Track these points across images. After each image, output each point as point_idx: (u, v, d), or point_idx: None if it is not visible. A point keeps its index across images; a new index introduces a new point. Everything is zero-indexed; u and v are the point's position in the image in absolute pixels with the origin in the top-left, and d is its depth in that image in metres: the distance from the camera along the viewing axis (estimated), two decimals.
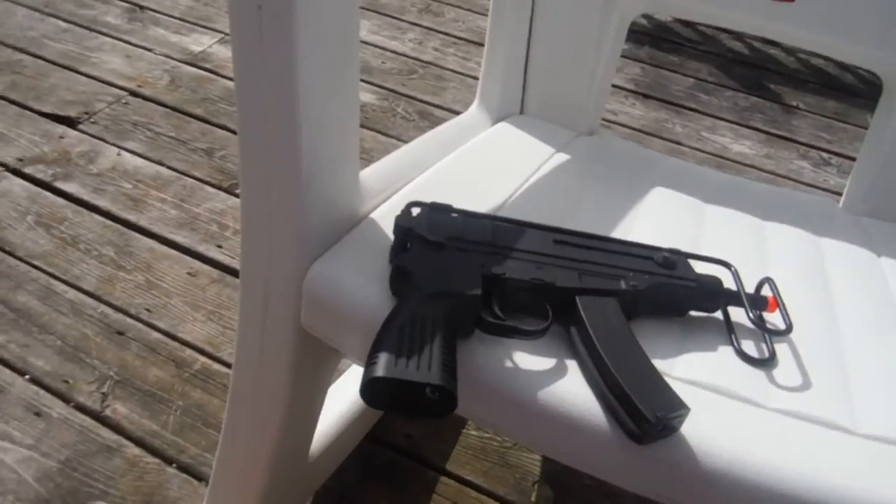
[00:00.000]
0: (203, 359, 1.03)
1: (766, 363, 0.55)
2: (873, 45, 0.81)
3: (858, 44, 0.82)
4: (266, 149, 0.56)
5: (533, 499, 0.91)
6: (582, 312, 0.53)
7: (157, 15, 1.93)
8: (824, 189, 1.60)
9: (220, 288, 1.14)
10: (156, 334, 1.06)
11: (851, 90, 1.95)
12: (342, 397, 0.88)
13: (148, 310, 1.10)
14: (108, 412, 0.95)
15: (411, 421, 0.97)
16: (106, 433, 0.93)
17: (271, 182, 0.57)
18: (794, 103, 1.89)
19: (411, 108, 1.68)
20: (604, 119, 1.71)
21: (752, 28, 0.97)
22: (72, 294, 1.10)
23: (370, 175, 0.68)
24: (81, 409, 0.95)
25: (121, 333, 1.05)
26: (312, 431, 0.77)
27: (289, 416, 0.67)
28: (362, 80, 1.76)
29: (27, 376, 0.98)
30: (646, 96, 1.85)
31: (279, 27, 0.50)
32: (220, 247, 1.22)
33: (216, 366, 1.02)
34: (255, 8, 0.50)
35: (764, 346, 0.57)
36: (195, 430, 0.94)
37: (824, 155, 1.71)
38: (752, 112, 1.84)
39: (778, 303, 0.59)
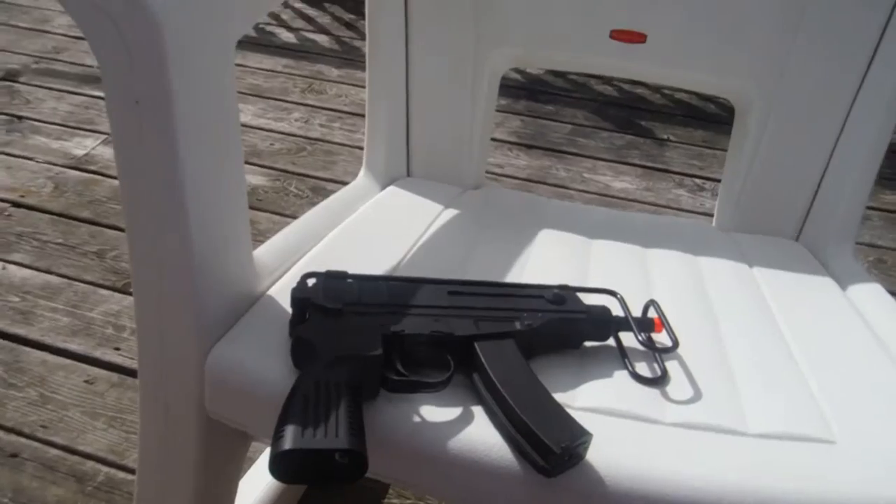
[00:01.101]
0: (106, 468, 0.98)
1: (658, 381, 0.58)
2: (717, 75, 0.89)
3: (705, 74, 0.90)
4: (155, 238, 0.56)
5: None
6: (482, 358, 0.55)
7: (37, 123, 1.89)
8: (701, 213, 1.71)
9: (120, 392, 1.10)
10: (53, 451, 1.01)
11: (715, 118, 2.10)
12: (254, 485, 0.86)
13: (43, 426, 1.04)
14: None
15: (331, 496, 0.95)
16: None
17: (163, 270, 0.57)
18: (666, 136, 2.02)
19: (303, 185, 1.70)
20: (491, 172, 1.77)
21: (613, 70, 1.04)
22: None
23: (264, 253, 0.68)
24: None
25: (14, 456, 0.99)
26: None
27: None
28: (252, 164, 1.77)
29: None
30: (528, 146, 1.93)
31: (158, 120, 0.51)
32: (117, 349, 1.18)
33: (121, 474, 0.98)
34: (133, 103, 0.51)
35: (655, 365, 0.60)
36: None
37: (698, 181, 1.83)
38: (629, 149, 1.95)
39: (663, 322, 0.62)
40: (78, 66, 2.18)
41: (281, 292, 0.64)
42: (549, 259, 0.77)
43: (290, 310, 0.58)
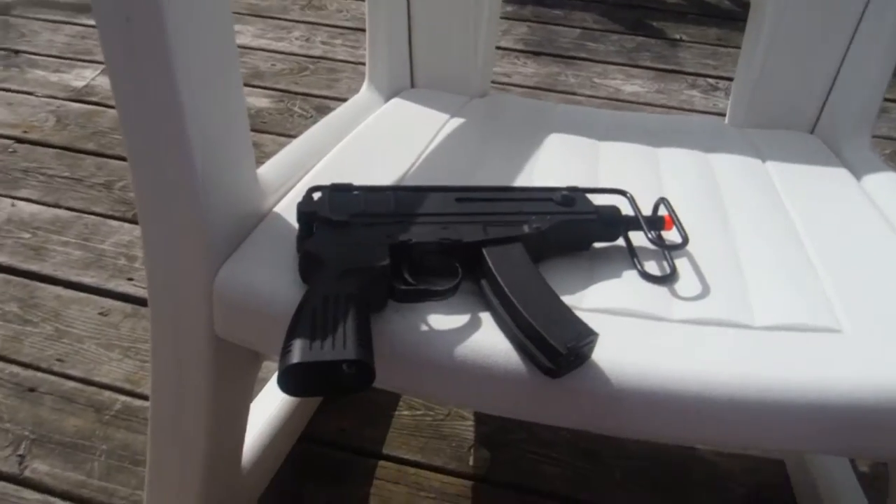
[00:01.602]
0: (123, 398, 1.00)
1: (667, 279, 0.58)
2: None
3: None
4: (156, 160, 0.55)
5: (471, 463, 0.93)
6: (490, 263, 0.54)
7: (34, 57, 1.86)
8: (715, 113, 1.67)
9: (134, 322, 1.11)
10: (70, 383, 1.02)
11: (730, 15, 2.03)
12: (267, 403, 0.87)
13: (60, 360, 1.06)
14: (27, 473, 0.91)
15: (341, 410, 0.97)
16: (29, 494, 0.89)
17: (167, 191, 0.56)
18: (678, 36, 1.95)
19: (307, 104, 1.67)
20: (498, 81, 1.73)
21: None
22: None
23: (268, 171, 0.67)
24: None
25: (32, 390, 1.01)
26: (241, 443, 0.76)
27: (214, 431, 0.66)
28: (254, 86, 1.74)
29: None
30: (536, 53, 1.88)
31: (150, 36, 0.49)
32: (130, 279, 1.19)
33: (137, 402, 1.00)
34: (124, 21, 0.49)
35: (665, 263, 0.59)
36: (123, 471, 0.91)
37: (711, 81, 1.78)
38: (639, 51, 1.89)
39: (673, 219, 0.61)
40: None
41: (287, 209, 0.63)
42: (558, 162, 0.76)
43: (296, 225, 0.57)
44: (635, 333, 0.53)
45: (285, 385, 0.46)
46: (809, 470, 0.90)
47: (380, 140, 0.78)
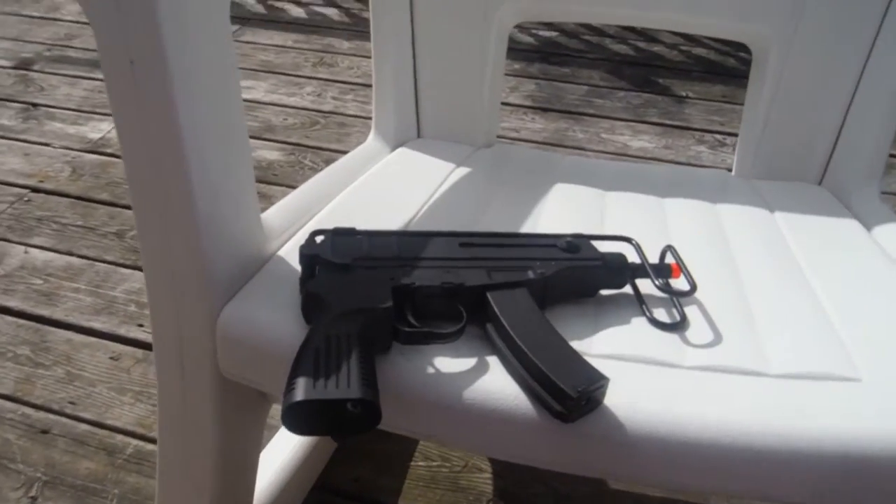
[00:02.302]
0: (135, 441, 1.00)
1: (677, 326, 0.57)
2: (733, 18, 0.86)
3: (721, 18, 0.87)
4: (159, 202, 0.55)
5: None
6: (494, 307, 0.54)
7: (52, 110, 1.90)
8: (724, 168, 1.67)
9: (145, 367, 1.11)
10: (83, 426, 1.02)
11: (734, 73, 2.06)
12: (279, 450, 0.86)
13: (72, 402, 1.06)
14: None
15: (356, 461, 0.96)
16: None
17: (169, 232, 0.56)
18: (684, 93, 1.98)
19: (318, 158, 1.69)
20: (506, 136, 1.75)
21: (626, 19, 1.01)
22: None
23: (273, 216, 0.68)
24: None
25: (45, 432, 1.01)
26: (252, 489, 0.74)
27: (223, 476, 0.65)
28: (266, 139, 1.76)
29: None
30: (544, 109, 1.91)
31: (154, 79, 0.50)
32: (141, 325, 1.19)
33: (150, 446, 0.99)
34: (128, 64, 0.50)
35: (674, 310, 0.59)
36: None
37: (718, 137, 1.79)
38: (646, 108, 1.91)
39: (680, 267, 0.61)
40: (90, 52, 2.19)
41: (290, 253, 0.63)
42: (563, 211, 0.76)
43: (299, 268, 0.57)
44: (647, 380, 0.52)
45: (289, 423, 0.45)
46: None
47: (385, 188, 0.79)
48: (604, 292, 0.61)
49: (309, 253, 0.56)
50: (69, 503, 0.91)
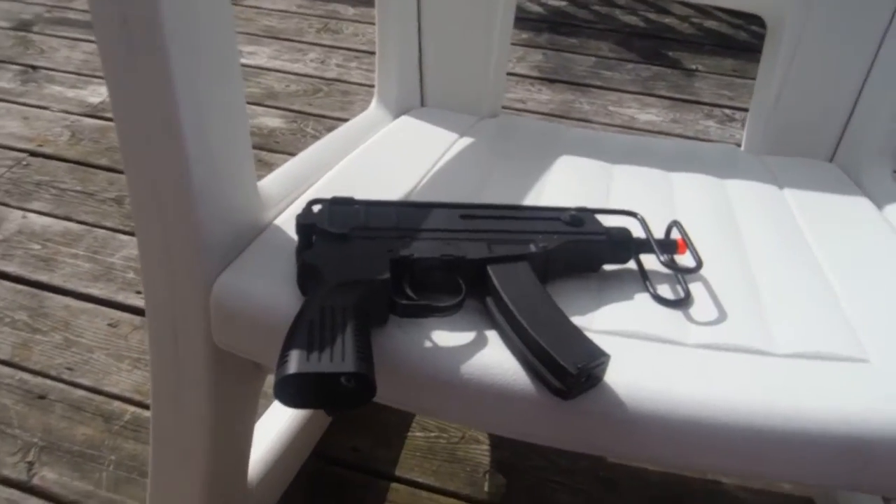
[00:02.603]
0: (132, 408, 0.99)
1: (681, 303, 0.56)
2: None
3: None
4: (153, 166, 0.54)
5: (486, 489, 0.90)
6: (495, 281, 0.53)
7: (51, 72, 1.87)
8: (732, 144, 1.65)
9: (142, 334, 1.10)
10: (80, 392, 1.02)
11: (746, 46, 2.02)
12: (276, 419, 0.85)
13: (69, 368, 1.05)
14: (35, 480, 0.90)
15: (353, 432, 0.95)
16: (36, 502, 0.88)
17: (163, 199, 0.55)
18: (694, 66, 1.95)
19: (320, 125, 1.67)
20: (512, 107, 1.73)
21: None
22: None
23: (270, 183, 0.66)
24: (6, 482, 0.90)
25: (42, 397, 1.01)
26: (246, 458, 0.74)
27: (216, 443, 0.64)
28: (268, 106, 1.74)
29: None
30: (551, 80, 1.88)
31: (147, 39, 0.48)
32: (138, 293, 1.18)
33: (146, 413, 0.98)
34: (121, 22, 0.48)
35: (679, 287, 0.57)
36: (131, 483, 0.90)
37: (727, 111, 1.76)
38: (655, 81, 1.88)
39: (686, 243, 0.59)
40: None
41: (287, 221, 0.62)
42: (568, 183, 0.74)
43: (296, 237, 0.56)
44: (649, 357, 0.51)
45: (282, 396, 0.44)
46: None
47: (386, 156, 0.77)
48: (607, 267, 0.60)
49: (305, 222, 0.55)
50: (66, 469, 0.91)
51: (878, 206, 0.74)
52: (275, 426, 0.85)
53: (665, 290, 0.57)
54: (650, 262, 0.59)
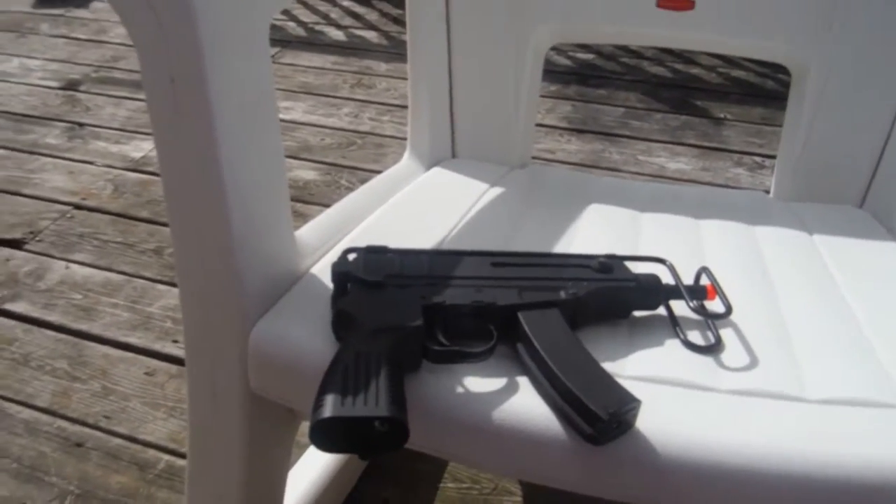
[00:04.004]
0: (167, 457, 1.01)
1: (712, 349, 0.56)
2: (769, 38, 0.85)
3: (757, 38, 0.86)
4: (195, 218, 0.56)
5: None
6: (525, 327, 0.54)
7: (97, 129, 1.95)
8: (763, 191, 1.65)
9: (179, 383, 1.12)
10: (116, 440, 1.03)
11: (774, 95, 2.03)
12: (308, 468, 0.86)
13: (106, 416, 1.07)
14: None
15: (384, 483, 0.95)
16: None
17: (204, 249, 0.57)
18: (722, 115, 1.96)
19: (354, 177, 1.71)
20: (542, 158, 1.75)
21: (661, 41, 1.00)
22: (26, 413, 1.07)
23: (307, 233, 0.68)
24: None
25: (79, 445, 1.02)
26: None
27: (250, 494, 0.65)
28: (303, 159, 1.78)
29: None
30: (580, 131, 1.90)
31: (193, 96, 0.51)
32: (176, 342, 1.21)
33: (181, 461, 0.99)
34: (169, 81, 0.51)
35: (709, 333, 0.58)
36: None
37: (757, 159, 1.76)
38: (684, 130, 1.89)
39: (716, 288, 0.60)
40: (135, 73, 2.24)
41: (323, 270, 0.64)
42: (597, 232, 0.75)
43: (331, 285, 0.57)
44: (681, 403, 0.51)
45: (316, 440, 0.45)
46: None
47: (418, 206, 0.79)
48: (637, 314, 0.60)
49: (341, 270, 0.57)
50: None
51: None
52: (307, 475, 0.85)
53: (696, 336, 0.58)
54: (680, 308, 0.60)
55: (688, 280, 0.62)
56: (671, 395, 0.52)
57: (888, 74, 0.80)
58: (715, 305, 0.60)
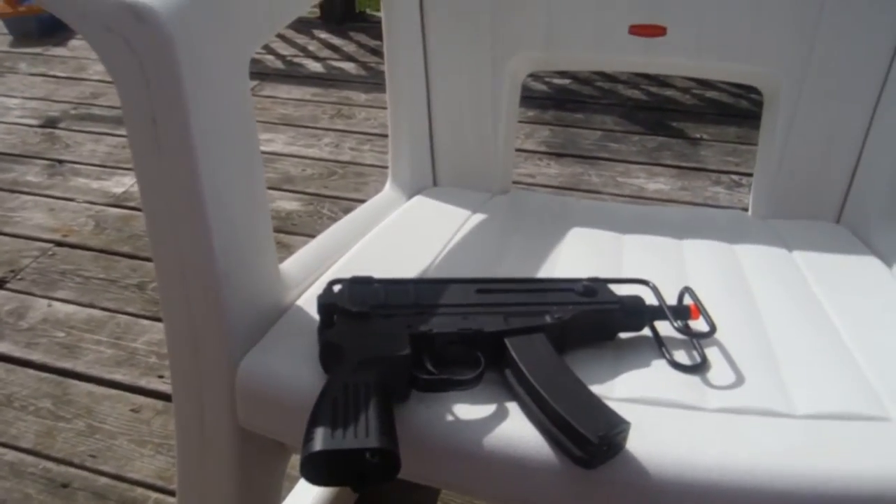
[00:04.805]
0: (155, 494, 0.99)
1: (698, 368, 0.57)
2: (741, 61, 0.87)
3: (728, 62, 0.88)
4: (179, 254, 0.56)
5: None
6: (513, 353, 0.54)
7: (77, 166, 1.94)
8: (741, 209, 1.67)
9: (165, 419, 1.11)
10: (103, 479, 1.02)
11: (748, 114, 2.07)
12: (300, 502, 0.85)
13: (92, 455, 1.06)
14: None
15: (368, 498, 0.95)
16: None
17: (189, 285, 0.57)
18: (699, 135, 1.99)
19: (336, 207, 1.71)
20: (522, 182, 1.76)
21: (635, 66, 1.02)
22: (10, 455, 1.06)
23: (291, 266, 0.69)
24: None
25: (65, 486, 1.01)
26: None
27: None
28: (285, 190, 1.79)
29: None
30: (559, 155, 1.92)
31: (175, 135, 0.52)
32: (161, 377, 1.20)
33: (170, 499, 0.98)
34: (150, 121, 0.52)
35: (695, 352, 0.58)
36: None
37: (734, 177, 1.79)
38: (661, 150, 1.92)
39: (699, 308, 0.61)
40: (114, 109, 2.24)
41: (309, 302, 0.64)
42: (580, 255, 0.76)
43: (317, 317, 0.58)
44: (670, 423, 0.51)
45: (308, 473, 0.45)
46: None
47: (402, 236, 0.79)
48: (622, 335, 0.61)
49: (326, 302, 0.57)
50: None
51: (887, 264, 0.75)
52: None
53: (681, 356, 0.58)
54: (665, 328, 0.60)
55: (671, 300, 0.62)
56: (659, 416, 0.52)
57: (857, 93, 0.82)
58: (699, 325, 0.60)
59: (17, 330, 1.32)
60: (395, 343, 0.53)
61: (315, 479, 0.46)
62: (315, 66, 2.53)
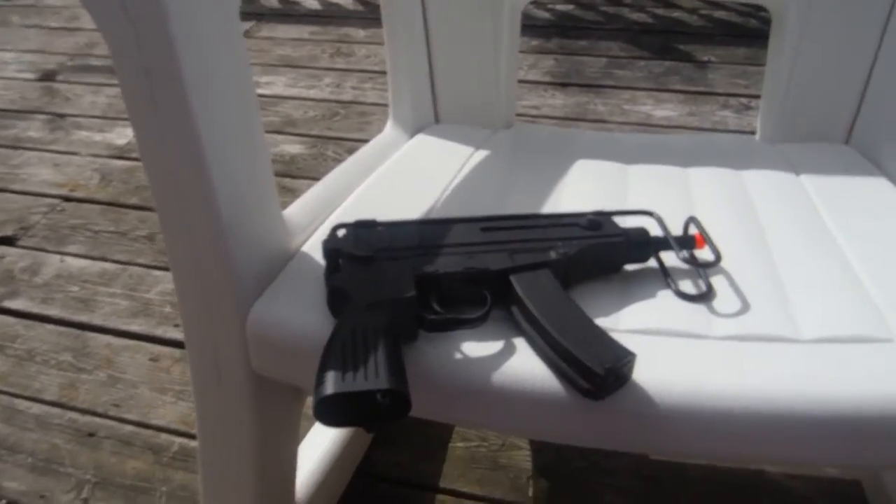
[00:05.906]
0: (179, 439, 1.02)
1: (704, 297, 0.57)
2: None
3: None
4: (182, 206, 0.56)
5: (531, 493, 0.91)
6: (518, 290, 0.54)
7: (78, 119, 1.93)
8: (749, 132, 1.64)
9: (183, 366, 1.13)
10: (128, 427, 1.05)
11: (757, 34, 2.02)
12: (319, 439, 0.87)
13: (116, 405, 1.08)
14: None
15: (396, 448, 0.97)
16: None
17: (194, 234, 0.57)
18: (706, 58, 1.95)
19: (340, 148, 1.70)
20: (527, 114, 1.74)
21: None
22: (36, 408, 1.09)
23: (295, 212, 0.68)
24: None
25: (92, 435, 1.04)
26: (292, 480, 0.76)
27: (263, 468, 0.66)
28: (288, 133, 1.78)
29: (3, 501, 0.96)
30: (564, 84, 1.89)
31: (169, 86, 0.51)
32: (177, 326, 1.21)
33: (194, 443, 1.01)
34: (143, 73, 0.51)
35: (700, 281, 0.58)
36: None
37: (743, 100, 1.76)
38: (668, 76, 1.88)
39: (704, 237, 0.60)
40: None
41: (314, 247, 0.64)
42: (585, 188, 0.76)
43: (323, 262, 0.58)
44: (676, 352, 0.52)
45: (321, 416, 0.46)
46: (887, 489, 0.86)
47: (404, 176, 0.79)
48: (628, 267, 0.61)
49: (331, 247, 0.57)
50: (120, 502, 0.94)
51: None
52: (318, 447, 0.87)
53: (687, 286, 0.58)
54: (670, 259, 0.60)
55: (676, 231, 0.62)
56: (666, 346, 0.52)
57: (867, 10, 0.80)
58: (704, 254, 0.60)
59: (32, 286, 1.34)
60: (401, 285, 0.54)
61: (328, 422, 0.47)
62: (311, 3, 2.48)
